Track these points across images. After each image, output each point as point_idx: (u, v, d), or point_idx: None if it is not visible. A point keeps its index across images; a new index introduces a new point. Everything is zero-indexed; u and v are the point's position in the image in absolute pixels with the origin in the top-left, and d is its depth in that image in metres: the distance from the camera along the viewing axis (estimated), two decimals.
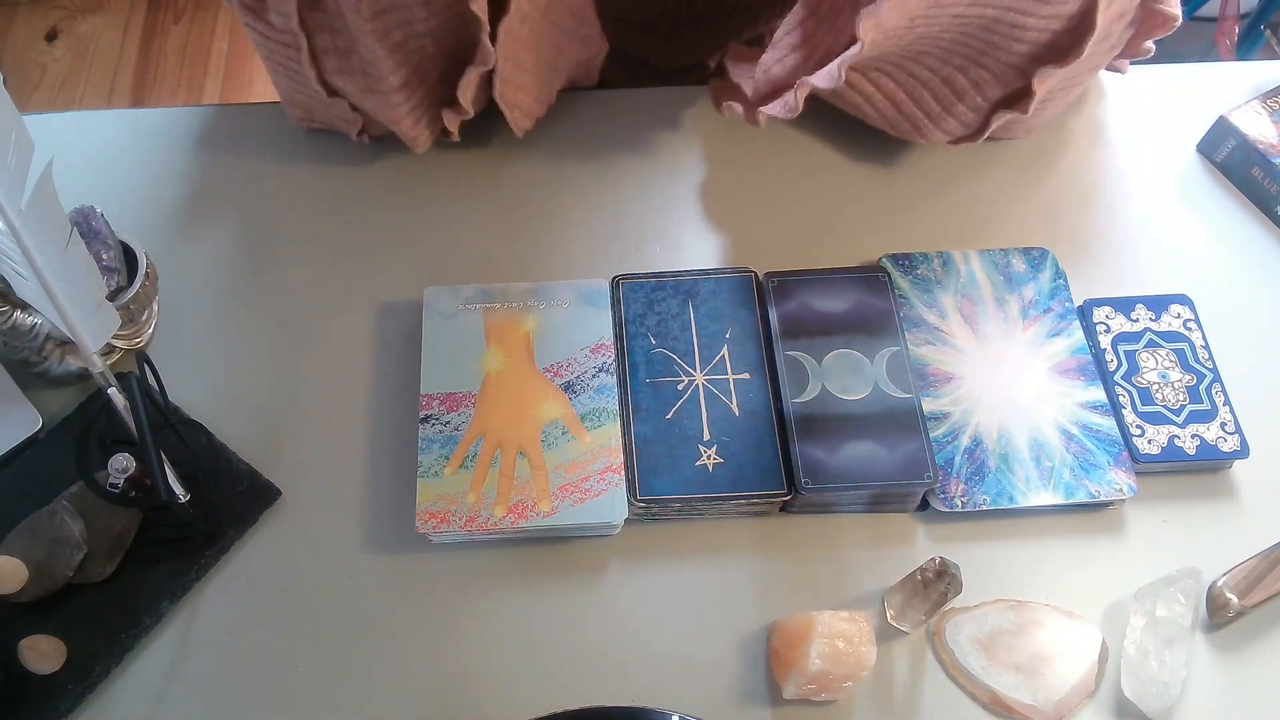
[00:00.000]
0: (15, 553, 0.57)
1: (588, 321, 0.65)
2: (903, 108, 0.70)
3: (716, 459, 0.61)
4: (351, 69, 0.67)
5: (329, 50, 0.66)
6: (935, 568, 0.57)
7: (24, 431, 0.63)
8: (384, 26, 0.63)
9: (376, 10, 0.62)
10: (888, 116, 0.72)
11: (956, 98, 0.68)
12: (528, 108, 0.72)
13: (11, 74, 1.97)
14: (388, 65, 0.65)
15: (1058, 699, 0.56)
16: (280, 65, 0.70)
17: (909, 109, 0.70)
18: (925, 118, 0.70)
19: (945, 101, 0.69)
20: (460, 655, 0.58)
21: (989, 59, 0.66)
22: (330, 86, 0.68)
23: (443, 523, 0.59)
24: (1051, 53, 0.64)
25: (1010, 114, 0.67)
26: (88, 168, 0.75)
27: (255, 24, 0.67)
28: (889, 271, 0.67)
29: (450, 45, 0.67)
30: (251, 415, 0.65)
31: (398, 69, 0.66)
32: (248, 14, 0.67)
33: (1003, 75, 0.67)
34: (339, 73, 0.67)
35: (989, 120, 0.68)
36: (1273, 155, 0.72)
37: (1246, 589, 0.59)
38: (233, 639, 0.59)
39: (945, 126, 0.70)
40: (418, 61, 0.67)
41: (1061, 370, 0.64)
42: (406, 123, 0.70)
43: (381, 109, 0.69)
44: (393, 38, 0.64)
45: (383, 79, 0.66)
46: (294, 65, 0.68)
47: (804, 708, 0.57)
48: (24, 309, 0.62)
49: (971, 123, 0.69)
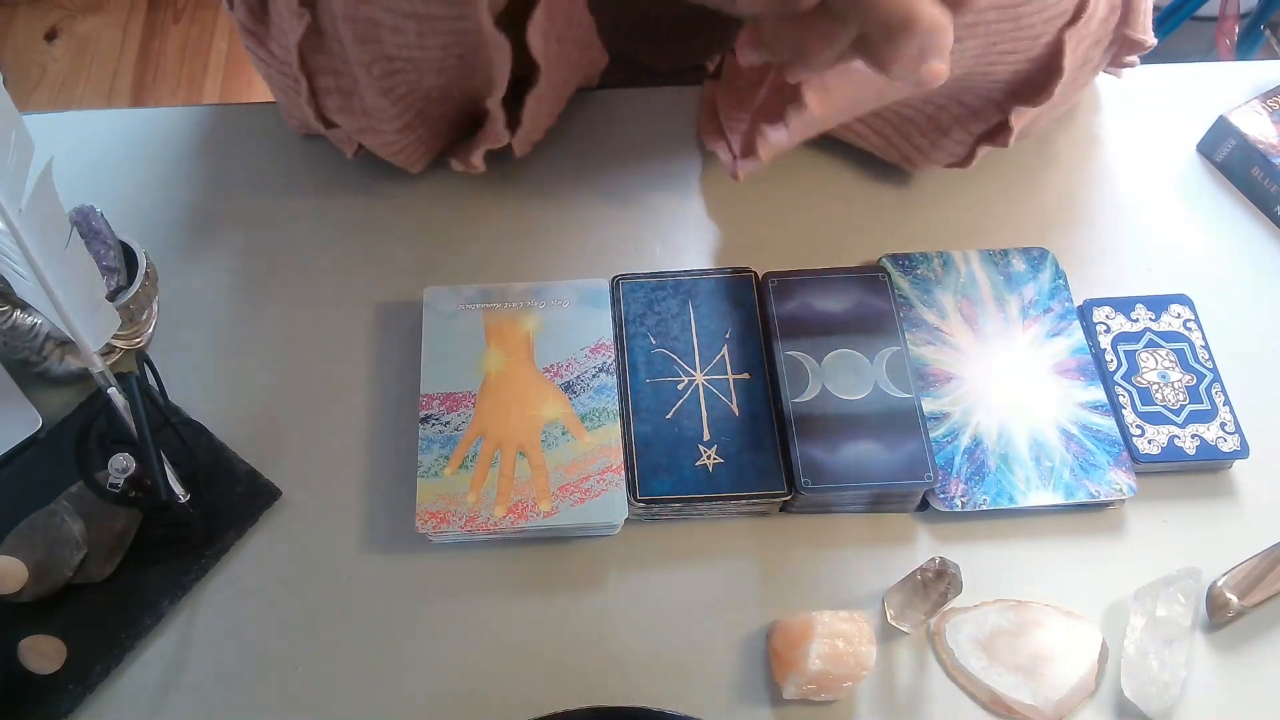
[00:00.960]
0: (15, 553, 0.57)
1: (588, 321, 0.65)
2: (892, 141, 0.72)
3: (716, 459, 0.61)
4: (352, 109, 0.66)
5: (331, 91, 0.65)
6: (935, 568, 0.57)
7: (24, 431, 0.63)
8: (391, 83, 0.63)
9: (387, 71, 0.61)
10: (878, 149, 0.73)
11: (942, 133, 0.70)
12: (536, 136, 0.72)
13: (11, 73, 1.97)
14: (390, 113, 0.65)
15: (1058, 699, 0.56)
16: (279, 88, 0.70)
17: (898, 143, 0.72)
18: (915, 150, 0.72)
19: (932, 136, 0.70)
20: (460, 655, 0.58)
21: (969, 95, 0.67)
22: (328, 120, 0.67)
23: (443, 523, 0.59)
24: (1026, 90, 0.66)
25: (991, 147, 0.69)
26: (88, 167, 0.75)
27: (257, 50, 0.67)
28: (889, 271, 0.67)
29: (455, 97, 0.67)
30: (251, 415, 0.65)
31: (400, 115, 0.66)
32: (249, 38, 0.66)
33: (982, 111, 0.68)
34: (339, 112, 0.66)
35: (974, 151, 0.69)
36: (1273, 155, 0.72)
37: (1247, 589, 0.59)
38: (233, 639, 0.59)
39: (934, 158, 0.71)
40: (421, 107, 0.66)
41: (1061, 370, 0.64)
42: (402, 157, 0.69)
43: (379, 146, 0.68)
44: (398, 91, 0.64)
45: (384, 123, 0.66)
46: (293, 92, 0.67)
47: (804, 708, 0.57)
48: (24, 309, 0.62)
49: (959, 153, 0.70)
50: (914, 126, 0.70)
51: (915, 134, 0.70)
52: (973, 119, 0.69)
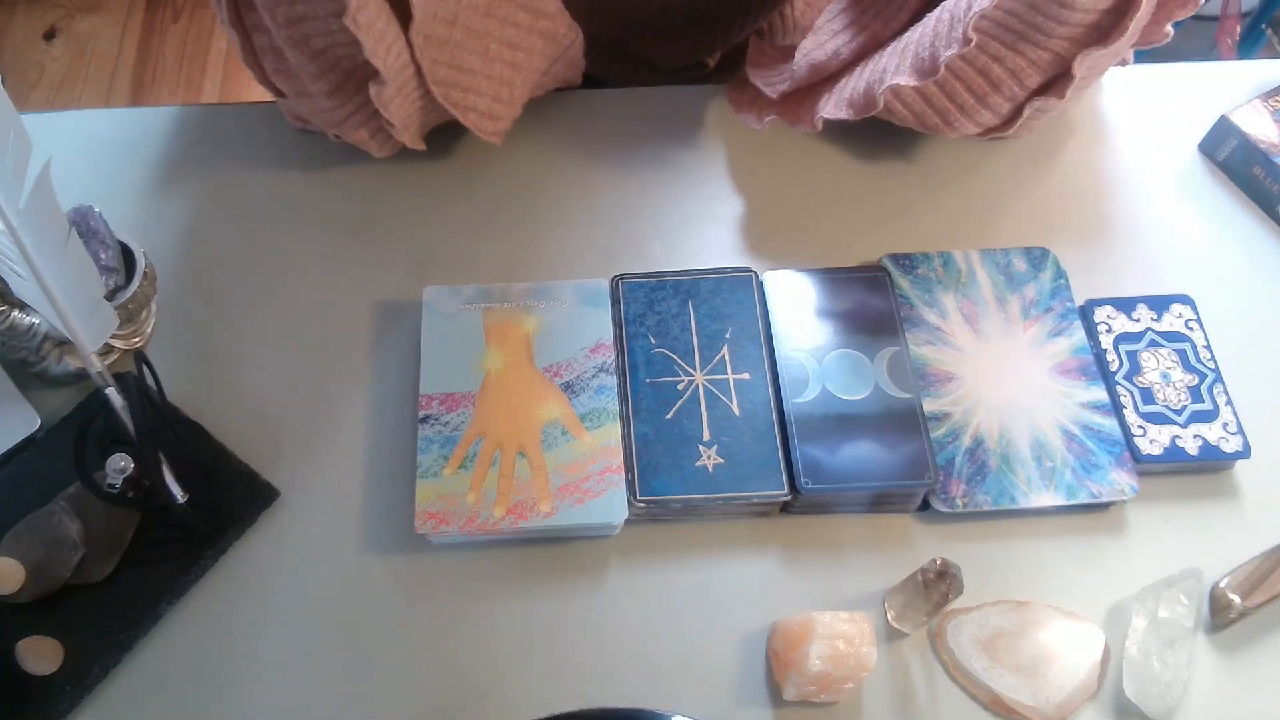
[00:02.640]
0: (13, 553, 0.57)
1: (588, 321, 0.65)
2: (934, 101, 0.68)
3: (717, 459, 0.61)
4: (287, 70, 0.65)
5: (266, 50, 0.65)
6: (936, 568, 0.56)
7: (22, 431, 0.63)
8: (301, 34, 0.61)
9: (291, 18, 0.60)
10: (916, 111, 0.69)
11: (993, 88, 0.66)
12: (485, 108, 0.69)
13: (10, 73, 1.97)
14: (310, 71, 0.64)
15: (1059, 700, 0.56)
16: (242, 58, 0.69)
17: (940, 103, 0.68)
18: (957, 110, 0.68)
19: (980, 93, 0.66)
20: (460, 655, 0.58)
21: (1027, 44, 0.63)
22: (274, 86, 0.67)
23: (442, 523, 0.59)
24: (1093, 34, 0.62)
25: (1045, 100, 0.65)
26: (86, 167, 0.75)
27: (220, 16, 0.67)
28: (889, 271, 0.67)
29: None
30: (251, 415, 0.65)
31: (321, 76, 0.64)
32: (217, 7, 0.66)
33: (1040, 61, 0.64)
34: (277, 74, 0.66)
35: (1022, 109, 0.66)
36: (1274, 154, 0.72)
37: (1249, 590, 0.59)
38: (232, 639, 0.59)
39: (979, 119, 0.68)
40: (348, 69, 0.65)
41: (1063, 370, 0.64)
42: (347, 129, 0.68)
43: (316, 115, 0.67)
44: (313, 45, 0.62)
45: (311, 85, 0.65)
46: (257, 69, 0.67)
47: (804, 709, 0.57)
48: (22, 309, 0.62)
49: (1006, 113, 0.67)
50: (960, 82, 0.66)
51: (961, 90, 0.66)
52: (1029, 70, 0.65)
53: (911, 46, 0.64)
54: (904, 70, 0.63)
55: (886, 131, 0.76)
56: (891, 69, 0.65)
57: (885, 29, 0.65)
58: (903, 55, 0.64)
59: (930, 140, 0.76)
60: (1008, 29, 0.62)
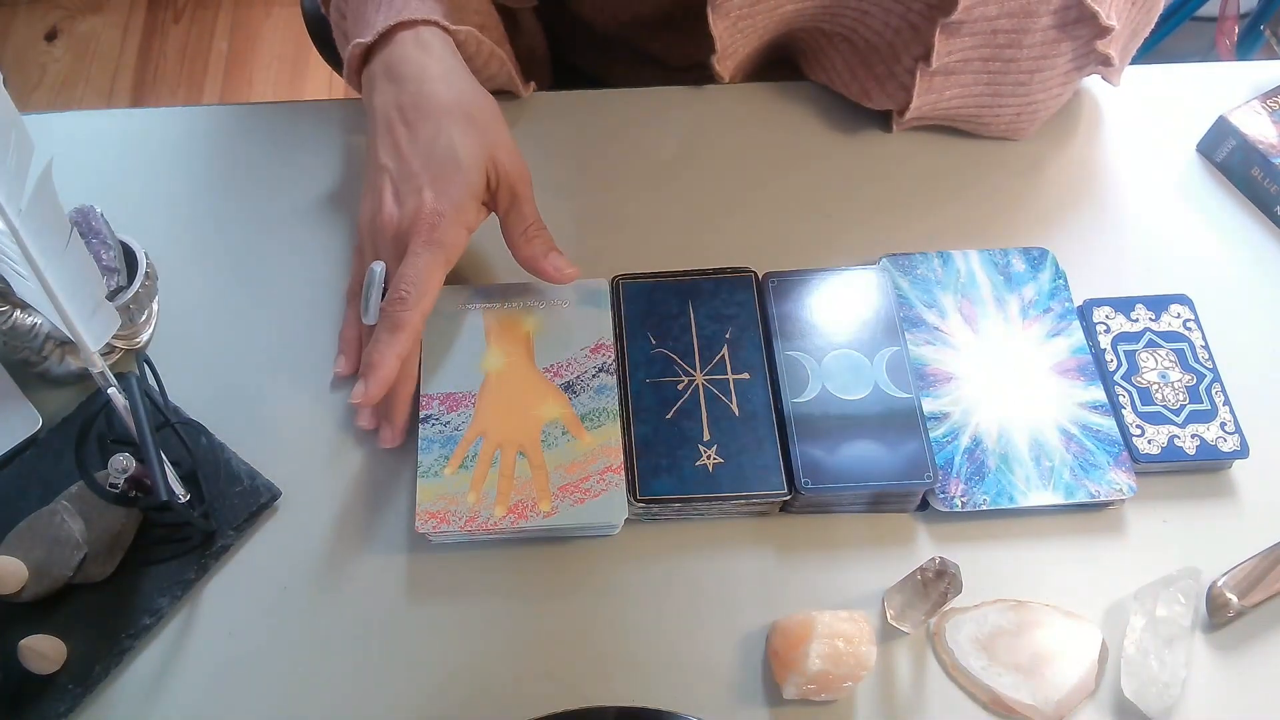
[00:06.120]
0: (15, 553, 0.57)
1: (588, 321, 0.65)
2: (855, 72, 0.74)
3: (716, 459, 0.61)
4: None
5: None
6: (935, 568, 0.57)
7: (24, 431, 0.63)
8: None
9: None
10: (843, 80, 0.76)
11: (895, 59, 0.71)
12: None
13: (11, 74, 1.97)
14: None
15: (1058, 699, 0.56)
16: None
17: (860, 74, 0.74)
18: (873, 81, 0.74)
19: (889, 64, 0.72)
20: (460, 655, 0.58)
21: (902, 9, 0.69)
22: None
23: (443, 523, 0.59)
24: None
25: (923, 66, 0.69)
26: (88, 167, 0.75)
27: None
28: (889, 271, 0.67)
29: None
30: (251, 415, 0.65)
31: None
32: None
33: (913, 33, 0.69)
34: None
35: (913, 81, 0.71)
36: (1273, 155, 0.72)
37: (1247, 589, 0.59)
38: (233, 639, 0.59)
39: (888, 90, 0.73)
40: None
41: (1061, 370, 0.64)
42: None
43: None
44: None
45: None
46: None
47: (804, 708, 0.57)
48: (24, 309, 0.62)
49: (908, 85, 0.72)
50: (876, 54, 0.72)
51: (876, 62, 0.73)
52: (913, 40, 0.70)
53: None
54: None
55: (887, 131, 0.76)
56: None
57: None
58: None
59: (930, 140, 0.76)
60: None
